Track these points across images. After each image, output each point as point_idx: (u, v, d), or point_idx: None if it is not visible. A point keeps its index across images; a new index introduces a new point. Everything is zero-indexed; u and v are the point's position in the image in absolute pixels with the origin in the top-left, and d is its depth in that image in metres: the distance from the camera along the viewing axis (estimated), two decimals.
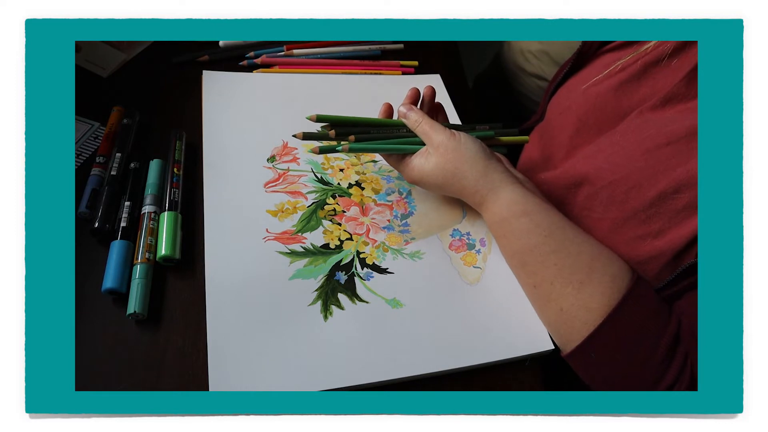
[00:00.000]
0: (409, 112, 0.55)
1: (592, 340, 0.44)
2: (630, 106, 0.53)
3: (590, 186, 0.51)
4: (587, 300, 0.45)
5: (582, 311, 0.45)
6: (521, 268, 0.50)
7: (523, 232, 0.49)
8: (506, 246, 0.51)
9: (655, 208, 0.46)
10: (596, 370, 0.45)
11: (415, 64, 0.77)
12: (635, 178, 0.47)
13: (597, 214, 0.51)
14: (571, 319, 0.45)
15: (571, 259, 0.46)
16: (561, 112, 0.62)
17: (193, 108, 0.64)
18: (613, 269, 0.46)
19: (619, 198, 0.48)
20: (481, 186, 0.51)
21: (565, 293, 0.46)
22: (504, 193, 0.50)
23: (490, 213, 0.51)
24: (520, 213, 0.49)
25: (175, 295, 0.49)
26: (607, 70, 0.56)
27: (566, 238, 0.48)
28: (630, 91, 0.53)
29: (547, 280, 0.47)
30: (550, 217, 0.49)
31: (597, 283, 0.45)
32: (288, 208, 0.56)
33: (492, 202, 0.51)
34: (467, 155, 0.51)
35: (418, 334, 0.49)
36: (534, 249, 0.48)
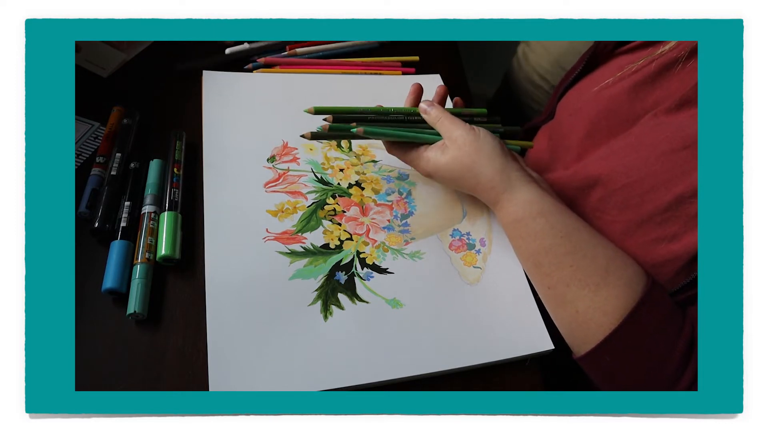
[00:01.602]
0: (430, 107, 0.54)
1: (608, 344, 0.44)
2: (644, 109, 0.53)
3: (603, 188, 0.51)
4: (603, 303, 0.44)
5: (598, 314, 0.45)
6: (536, 269, 0.49)
7: (539, 233, 0.48)
8: (521, 246, 0.50)
9: (672, 211, 0.45)
10: (610, 373, 0.45)
11: (416, 59, 0.77)
12: (651, 181, 0.47)
13: (610, 216, 0.50)
14: (586, 321, 0.45)
15: (587, 261, 0.46)
16: (572, 113, 0.62)
17: (193, 108, 0.64)
18: (628, 272, 0.46)
19: (635, 201, 0.48)
20: (497, 183, 0.50)
21: (581, 295, 0.45)
22: (520, 193, 0.49)
23: (504, 212, 0.51)
24: (537, 213, 0.48)
25: (175, 295, 0.49)
26: (620, 72, 0.55)
27: (582, 240, 0.47)
28: (644, 93, 0.53)
29: (563, 281, 0.47)
30: (567, 218, 0.48)
31: (613, 286, 0.45)
32: (288, 208, 0.56)
33: (507, 201, 0.50)
34: (486, 150, 0.50)
35: (418, 334, 0.49)
36: (550, 250, 0.47)
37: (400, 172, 0.62)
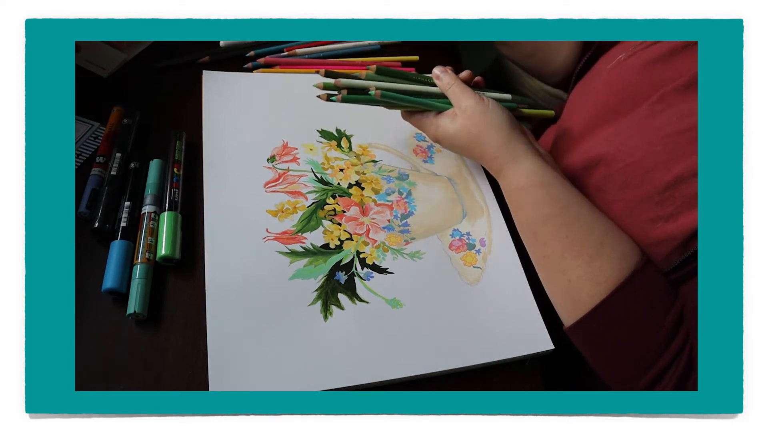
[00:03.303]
0: (443, 74, 0.56)
1: (597, 313, 0.45)
2: (653, 88, 0.52)
3: (606, 167, 0.51)
4: (596, 273, 0.45)
5: (590, 284, 0.45)
6: (533, 238, 0.50)
7: (538, 202, 0.49)
8: (520, 215, 0.52)
9: (670, 191, 0.46)
10: (598, 344, 0.45)
11: (416, 59, 0.77)
12: (652, 161, 0.47)
13: (611, 195, 0.51)
14: (578, 290, 0.46)
15: (582, 233, 0.47)
16: (583, 93, 0.62)
17: (193, 108, 0.64)
18: (623, 247, 0.46)
19: (636, 181, 0.48)
20: (502, 153, 0.52)
21: (575, 265, 0.46)
22: (524, 164, 0.51)
23: (507, 181, 0.52)
24: (538, 184, 0.50)
25: (175, 295, 0.49)
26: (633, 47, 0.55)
27: (580, 214, 0.48)
28: (656, 72, 0.53)
29: (558, 251, 0.48)
30: (567, 191, 0.50)
31: (607, 258, 0.46)
32: (288, 208, 0.56)
33: (511, 171, 0.51)
34: (494, 121, 0.52)
35: (418, 334, 0.49)
36: (548, 220, 0.48)
37: (400, 172, 0.62)
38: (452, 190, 0.61)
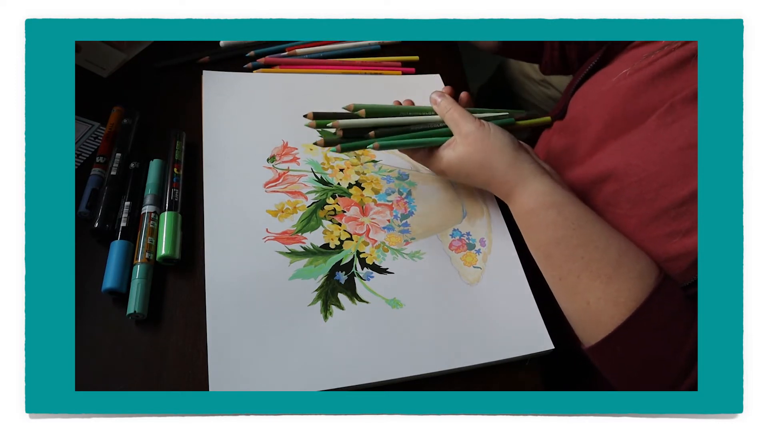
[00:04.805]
0: (441, 99, 0.55)
1: (619, 334, 0.44)
2: (661, 100, 0.52)
3: (617, 182, 0.51)
4: (615, 294, 0.44)
5: (609, 305, 0.44)
6: (547, 260, 0.49)
7: (550, 224, 0.48)
8: (532, 238, 0.50)
9: (687, 206, 0.45)
10: (620, 364, 0.45)
11: (416, 59, 0.77)
12: (667, 175, 0.47)
13: (623, 210, 0.50)
14: (597, 312, 0.45)
15: (598, 253, 0.46)
16: (587, 105, 0.61)
17: (193, 108, 0.64)
18: (640, 265, 0.45)
19: (650, 195, 0.48)
20: (510, 177, 0.50)
21: (592, 287, 0.45)
22: (532, 185, 0.50)
23: (517, 204, 0.51)
24: (549, 205, 0.48)
25: (175, 295, 0.49)
26: (638, 62, 0.55)
27: (594, 232, 0.47)
28: (663, 84, 0.52)
29: (574, 272, 0.47)
30: (579, 210, 0.48)
31: (625, 278, 0.45)
32: (288, 208, 0.56)
33: (520, 193, 0.50)
34: (496, 145, 0.51)
35: (418, 334, 0.49)
36: (561, 242, 0.47)
37: (400, 172, 0.62)
38: (452, 190, 0.61)
